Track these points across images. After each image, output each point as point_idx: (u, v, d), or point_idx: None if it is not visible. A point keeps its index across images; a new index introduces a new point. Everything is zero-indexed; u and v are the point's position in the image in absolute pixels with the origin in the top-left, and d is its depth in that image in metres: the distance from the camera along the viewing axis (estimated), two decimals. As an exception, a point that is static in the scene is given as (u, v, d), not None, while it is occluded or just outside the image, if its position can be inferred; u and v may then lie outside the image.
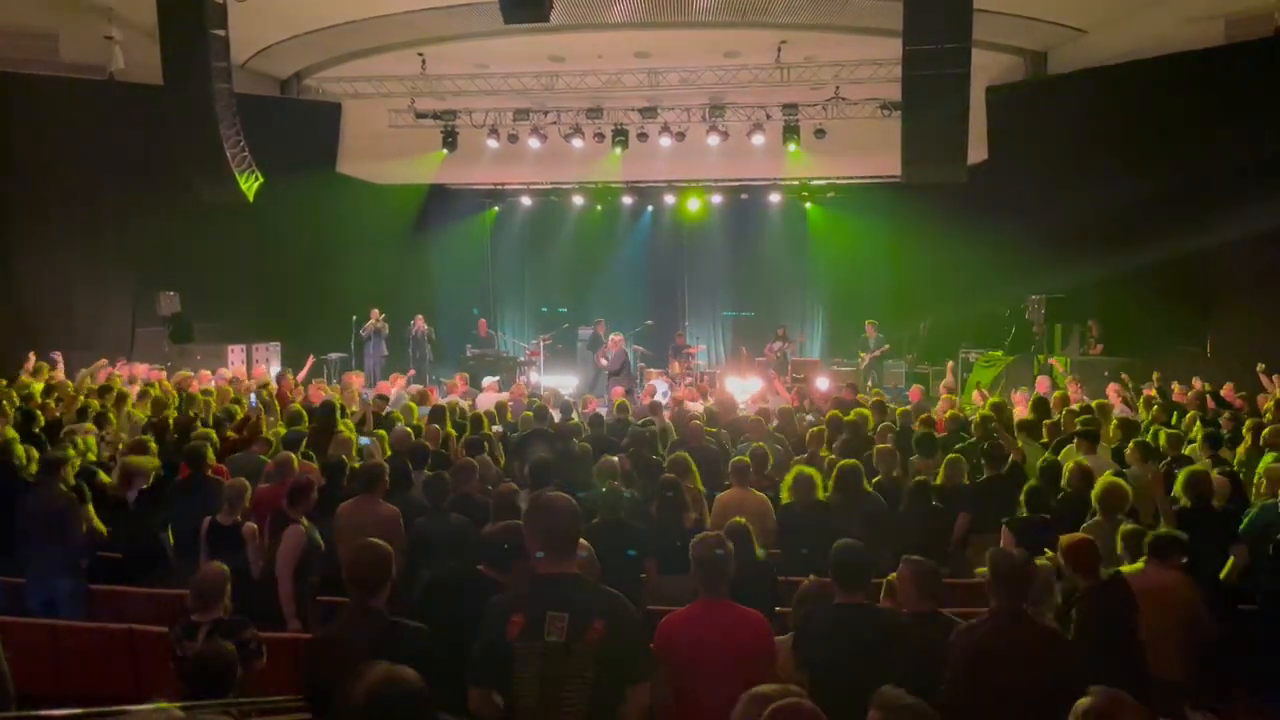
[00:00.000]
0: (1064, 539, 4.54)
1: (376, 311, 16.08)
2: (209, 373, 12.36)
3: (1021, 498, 5.84)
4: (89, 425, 8.05)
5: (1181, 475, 5.90)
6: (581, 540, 3.64)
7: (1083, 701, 2.48)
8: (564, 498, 3.28)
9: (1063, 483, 6.42)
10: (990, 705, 3.43)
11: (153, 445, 7.03)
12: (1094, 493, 5.55)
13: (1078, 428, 7.61)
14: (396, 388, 11.90)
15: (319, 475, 6.53)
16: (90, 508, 5.98)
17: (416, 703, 2.32)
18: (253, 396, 9.86)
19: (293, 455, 6.56)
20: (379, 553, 3.53)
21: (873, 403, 9.87)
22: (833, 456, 7.45)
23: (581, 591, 3.14)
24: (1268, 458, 6.71)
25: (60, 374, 11.27)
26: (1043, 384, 11.36)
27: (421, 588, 4.31)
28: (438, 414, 8.61)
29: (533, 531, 3.24)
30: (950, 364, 14.10)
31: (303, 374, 12.75)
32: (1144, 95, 12.56)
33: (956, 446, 7.82)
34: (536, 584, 3.18)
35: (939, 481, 6.94)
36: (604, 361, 15.78)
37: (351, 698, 2.30)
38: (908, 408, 10.31)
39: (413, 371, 14.39)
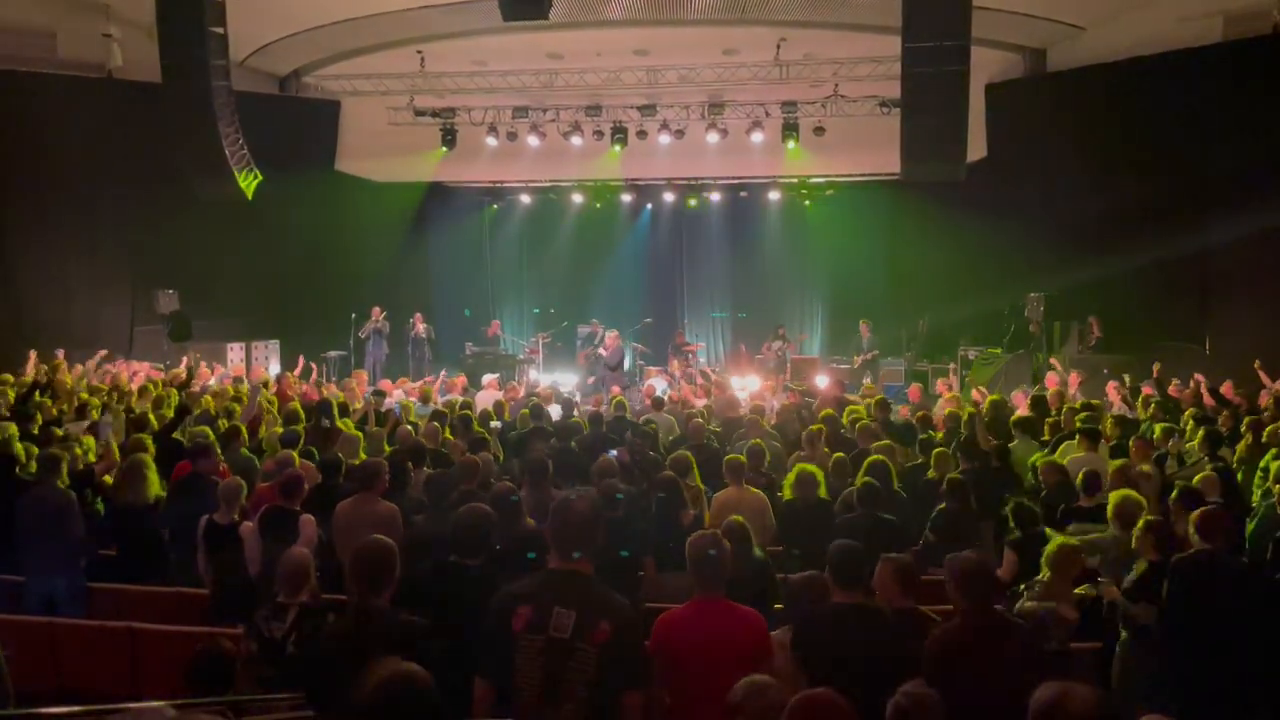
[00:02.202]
0: (1196, 512, 4.80)
1: (378, 310, 16.08)
2: (208, 369, 12.36)
3: (1008, 510, 5.79)
4: (86, 424, 8.04)
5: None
6: None
7: (1037, 695, 2.49)
8: (584, 499, 3.30)
9: (1039, 479, 6.53)
10: (966, 705, 3.44)
11: (149, 444, 7.02)
12: (1110, 508, 5.45)
13: (1078, 425, 7.62)
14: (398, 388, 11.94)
15: (315, 473, 6.53)
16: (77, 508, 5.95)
17: (426, 701, 2.31)
18: (256, 394, 9.84)
19: (293, 454, 6.56)
20: (384, 549, 3.52)
21: (876, 401, 9.88)
22: (839, 455, 7.46)
23: (591, 591, 3.16)
24: (1269, 455, 6.71)
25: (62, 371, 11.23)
26: (1052, 380, 11.34)
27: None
28: (439, 417, 8.56)
29: (550, 528, 3.28)
30: (952, 366, 14.07)
31: (313, 376, 12.77)
32: (1143, 93, 12.57)
33: (934, 438, 7.91)
34: (547, 578, 3.19)
35: (931, 475, 7.00)
36: (604, 353, 15.79)
37: (360, 695, 2.29)
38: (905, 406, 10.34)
39: (444, 372, 14.33)
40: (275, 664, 3.96)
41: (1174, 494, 5.66)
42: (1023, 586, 4.71)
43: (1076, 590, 4.68)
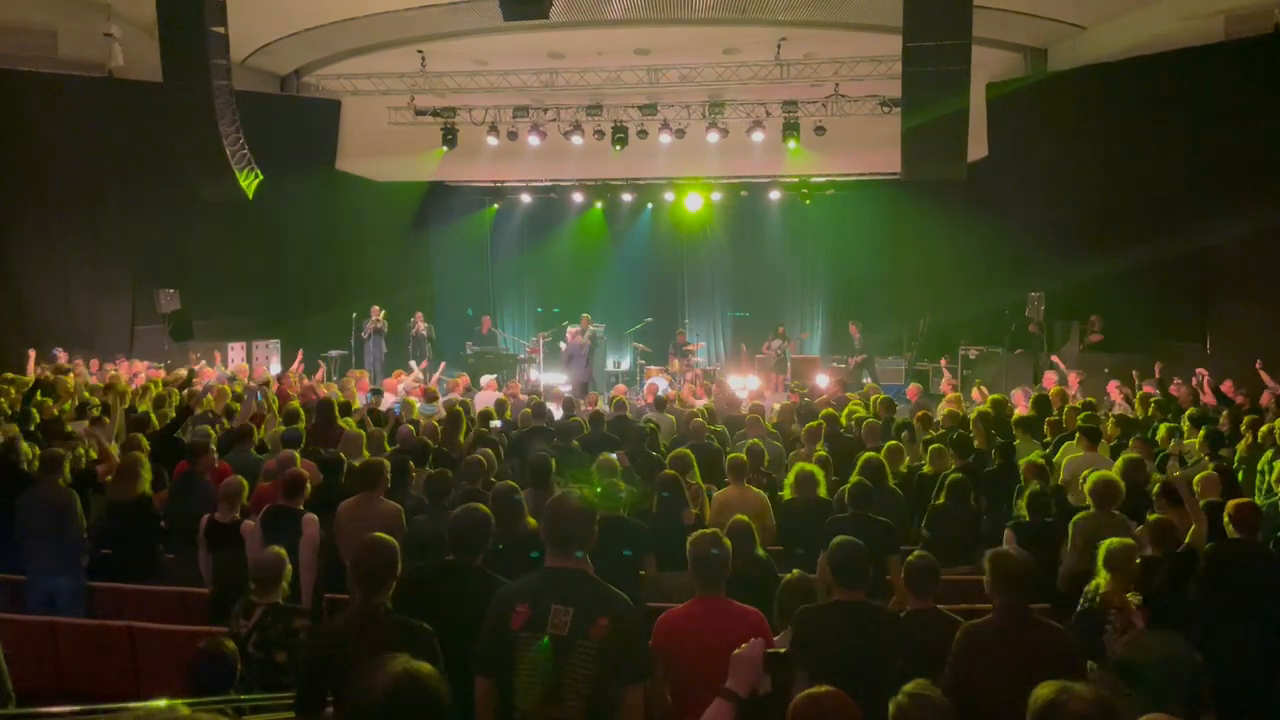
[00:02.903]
0: (1232, 502, 5.12)
1: (377, 309, 16.09)
2: (211, 369, 12.37)
3: (1022, 502, 5.85)
4: (87, 424, 8.03)
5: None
6: None
7: (1037, 693, 2.50)
8: (578, 496, 3.31)
9: (1021, 479, 6.59)
10: (993, 704, 3.43)
11: (145, 444, 7.01)
12: (1086, 487, 5.58)
13: (1079, 424, 7.62)
14: (405, 383, 11.96)
15: (316, 472, 6.53)
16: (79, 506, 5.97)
17: (436, 699, 2.31)
18: (258, 394, 9.85)
19: (295, 453, 6.56)
20: (385, 549, 3.52)
21: (882, 400, 9.90)
22: (822, 453, 7.47)
23: (588, 588, 3.17)
24: (1268, 454, 6.71)
25: (65, 370, 11.23)
26: (1049, 379, 11.34)
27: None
28: (454, 419, 8.51)
29: (544, 526, 3.28)
30: (944, 361, 13.94)
31: (319, 374, 12.77)
32: (1144, 92, 12.55)
33: (926, 436, 7.94)
34: (544, 576, 3.20)
35: (926, 469, 7.11)
36: (562, 345, 15.96)
37: (369, 692, 2.29)
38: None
39: (425, 363, 14.40)
40: (240, 661, 3.96)
41: (1155, 489, 5.73)
42: (1093, 603, 4.60)
43: (1129, 596, 4.61)
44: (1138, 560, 4.54)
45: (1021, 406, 9.89)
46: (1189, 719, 3.97)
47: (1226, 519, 5.05)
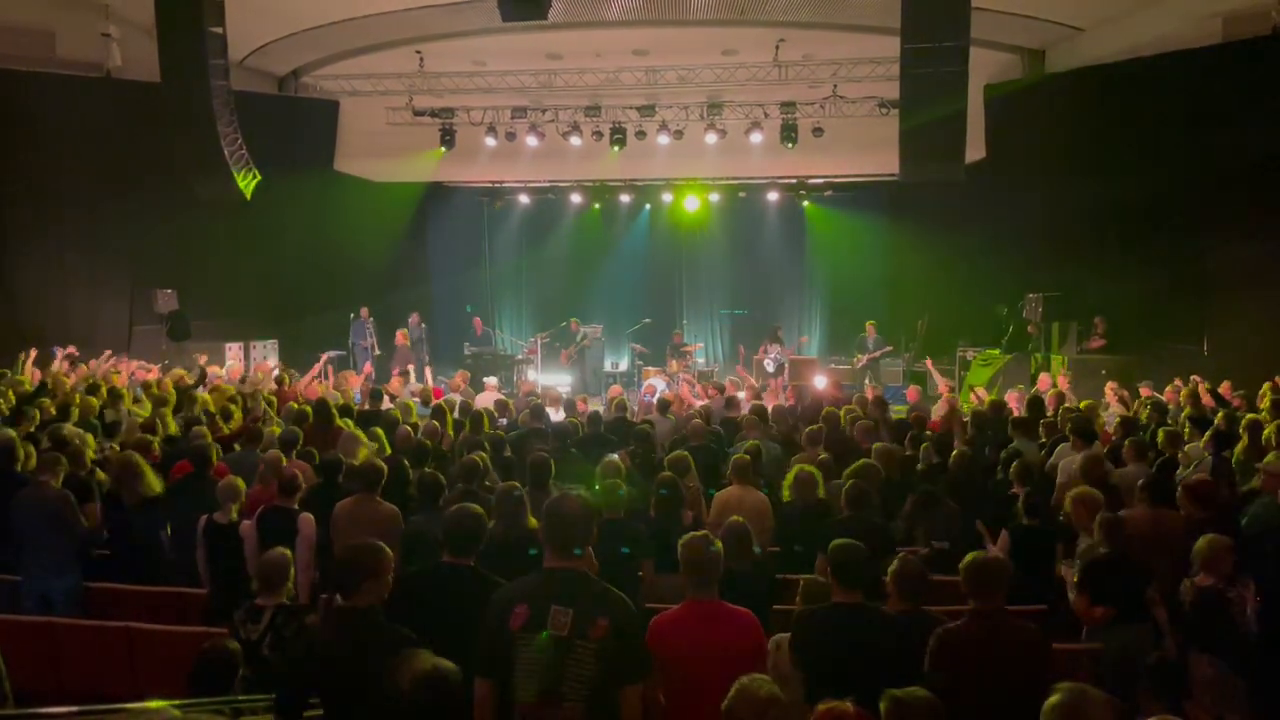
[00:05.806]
0: (1187, 480, 5.72)
1: (365, 310, 16.09)
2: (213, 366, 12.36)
3: (1019, 504, 5.86)
4: (71, 426, 8.00)
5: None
6: None
7: (1051, 699, 2.51)
8: (577, 497, 3.33)
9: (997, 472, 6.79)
10: (972, 705, 3.44)
11: (155, 445, 7.01)
12: (1067, 503, 5.57)
13: (1071, 427, 7.61)
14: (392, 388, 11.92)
15: (312, 473, 6.52)
16: (94, 506, 5.98)
17: (459, 696, 2.40)
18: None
19: (280, 454, 6.56)
20: (363, 551, 3.49)
21: (873, 399, 9.90)
22: (824, 455, 7.48)
23: (588, 589, 3.17)
24: (1270, 456, 6.70)
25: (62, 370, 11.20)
26: (1044, 381, 11.35)
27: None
28: (437, 413, 8.60)
29: (544, 527, 3.28)
30: (929, 361, 13.74)
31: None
32: (1142, 94, 12.56)
33: (909, 435, 7.98)
34: (544, 577, 3.20)
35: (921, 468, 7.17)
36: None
37: (397, 687, 2.32)
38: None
39: (412, 365, 14.39)
40: (250, 665, 3.96)
41: (1141, 482, 5.78)
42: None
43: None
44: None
45: (1015, 408, 9.90)
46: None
47: (1187, 498, 5.52)
